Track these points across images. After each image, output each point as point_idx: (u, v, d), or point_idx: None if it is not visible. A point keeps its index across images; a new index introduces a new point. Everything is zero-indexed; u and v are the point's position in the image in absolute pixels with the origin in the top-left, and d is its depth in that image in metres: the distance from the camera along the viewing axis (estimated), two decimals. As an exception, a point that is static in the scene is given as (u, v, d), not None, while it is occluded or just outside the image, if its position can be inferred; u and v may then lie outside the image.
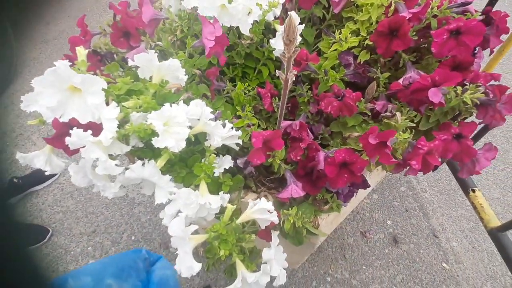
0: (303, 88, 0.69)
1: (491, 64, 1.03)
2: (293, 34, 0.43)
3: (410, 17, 0.60)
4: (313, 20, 0.80)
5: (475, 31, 0.57)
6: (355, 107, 0.60)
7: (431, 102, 0.54)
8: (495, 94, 0.55)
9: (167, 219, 0.52)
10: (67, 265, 1.29)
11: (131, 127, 0.47)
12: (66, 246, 1.34)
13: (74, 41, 0.75)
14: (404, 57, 0.66)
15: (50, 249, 1.33)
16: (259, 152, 0.58)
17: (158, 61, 0.52)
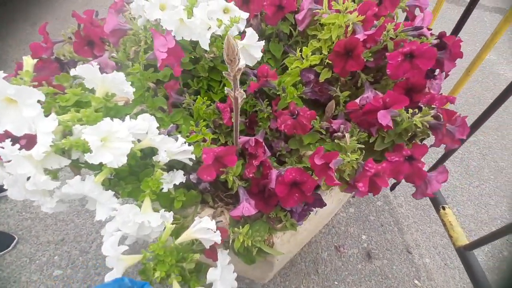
0: (262, 104, 0.68)
1: (456, 86, 1.05)
2: (232, 54, 0.42)
3: (366, 38, 0.60)
4: (280, 36, 0.80)
5: (427, 55, 0.58)
6: (309, 125, 0.60)
7: (380, 124, 0.54)
8: (443, 118, 0.56)
9: (107, 236, 0.51)
10: (30, 274, 1.24)
11: (68, 141, 0.45)
12: (32, 255, 1.30)
13: (34, 47, 0.73)
14: (362, 77, 0.67)
15: (14, 258, 1.28)
16: (210, 168, 0.57)
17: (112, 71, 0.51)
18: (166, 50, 0.54)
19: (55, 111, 0.51)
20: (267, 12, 0.72)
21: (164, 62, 0.54)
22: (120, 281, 0.43)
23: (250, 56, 0.68)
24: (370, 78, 0.67)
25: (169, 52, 0.56)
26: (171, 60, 0.56)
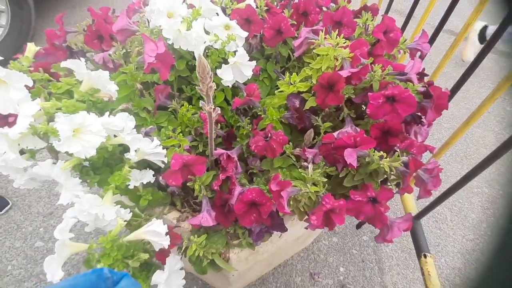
0: (243, 121, 0.70)
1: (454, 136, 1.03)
2: (203, 72, 0.45)
3: (350, 75, 0.61)
4: (277, 58, 0.82)
5: (407, 101, 0.59)
6: (280, 150, 0.61)
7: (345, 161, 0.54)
8: (409, 167, 0.55)
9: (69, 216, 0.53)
10: (14, 241, 1.30)
11: (44, 126, 0.49)
12: (20, 222, 1.36)
13: (49, 34, 0.79)
14: (345, 111, 0.68)
15: (3, 222, 1.35)
16: (177, 174, 0.59)
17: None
18: (155, 55, 0.58)
19: (43, 97, 0.55)
20: (266, 35, 0.75)
21: (150, 66, 0.58)
22: (99, 271, 0.44)
23: (241, 73, 0.71)
24: (353, 113, 0.67)
25: (158, 57, 0.59)
26: (158, 65, 0.59)
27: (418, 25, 1.35)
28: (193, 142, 0.73)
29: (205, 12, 0.75)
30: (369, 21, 0.75)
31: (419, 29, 1.36)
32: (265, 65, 0.85)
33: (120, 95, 0.64)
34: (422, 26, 1.34)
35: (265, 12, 0.80)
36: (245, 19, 0.75)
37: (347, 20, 0.75)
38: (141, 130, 0.66)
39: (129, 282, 0.62)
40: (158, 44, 0.59)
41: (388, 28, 0.71)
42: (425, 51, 0.77)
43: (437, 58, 1.04)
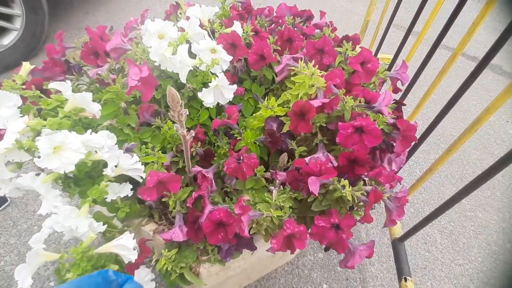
0: (221, 141, 0.74)
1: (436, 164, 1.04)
2: (172, 102, 0.49)
3: (321, 105, 0.64)
4: (261, 80, 0.86)
5: (374, 133, 0.61)
6: (250, 173, 0.64)
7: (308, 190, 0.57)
8: (369, 198, 0.57)
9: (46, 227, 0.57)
10: (9, 237, 1.36)
11: (28, 142, 0.53)
12: (16, 220, 1.42)
13: (49, 49, 0.85)
14: (318, 137, 0.70)
15: (0, 218, 1.41)
16: (152, 190, 0.63)
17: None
18: (138, 78, 0.62)
19: (32, 113, 0.60)
20: (250, 60, 0.78)
21: (133, 89, 0.62)
22: (104, 273, 0.45)
23: (222, 96, 0.75)
24: (325, 140, 0.70)
25: (141, 80, 0.63)
26: (141, 87, 0.64)
27: (417, 40, 1.36)
28: (174, 158, 0.77)
29: (193, 36, 0.79)
30: (349, 51, 0.78)
31: (418, 44, 1.39)
32: (250, 85, 0.89)
33: (105, 111, 0.69)
34: (421, 40, 1.37)
35: (251, 36, 0.84)
36: (231, 44, 0.79)
37: (328, 48, 0.78)
38: (124, 145, 0.70)
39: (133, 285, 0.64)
40: (142, 68, 0.63)
41: (365, 59, 0.74)
42: (405, 81, 0.80)
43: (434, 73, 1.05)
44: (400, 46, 1.52)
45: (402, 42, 1.48)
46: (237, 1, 0.94)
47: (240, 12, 0.89)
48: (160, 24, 0.78)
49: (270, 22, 0.95)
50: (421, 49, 1.38)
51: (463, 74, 0.94)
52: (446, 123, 2.33)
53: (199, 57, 0.74)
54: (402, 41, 1.48)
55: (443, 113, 1.00)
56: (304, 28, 0.85)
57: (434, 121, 1.00)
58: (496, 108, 0.80)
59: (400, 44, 1.51)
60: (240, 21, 0.86)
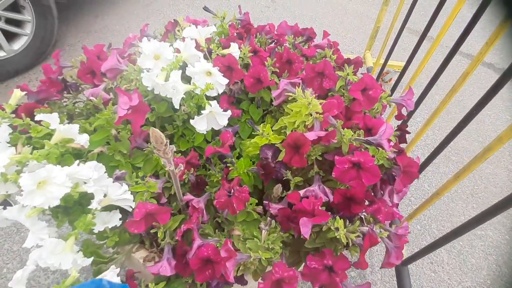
0: (215, 169, 0.71)
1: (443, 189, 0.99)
2: (156, 143, 0.47)
3: (318, 138, 0.61)
4: (258, 102, 0.83)
5: (372, 171, 0.58)
6: (241, 207, 0.61)
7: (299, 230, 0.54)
8: (364, 242, 0.54)
9: (30, 261, 0.57)
10: (12, 244, 1.38)
11: (14, 176, 0.53)
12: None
13: (46, 68, 0.85)
14: (314, 168, 0.67)
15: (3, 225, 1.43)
16: (140, 222, 0.61)
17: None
18: (128, 107, 0.60)
19: (21, 144, 0.59)
20: (246, 83, 0.76)
21: (122, 118, 0.60)
22: (98, 282, 0.45)
23: (216, 122, 0.72)
24: (322, 173, 0.67)
25: (132, 108, 0.62)
26: (131, 116, 0.62)
27: (432, 46, 1.25)
28: (166, 184, 0.75)
29: (188, 58, 0.77)
30: (350, 75, 0.74)
31: (433, 50, 1.27)
32: (248, 107, 0.86)
33: (96, 138, 0.67)
34: (436, 47, 1.26)
35: (250, 57, 0.81)
36: (227, 67, 0.76)
37: (328, 72, 0.74)
38: (114, 172, 0.68)
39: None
40: (133, 96, 0.61)
41: (367, 85, 0.70)
42: (409, 108, 0.75)
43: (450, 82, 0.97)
44: (413, 52, 1.43)
45: (415, 48, 1.39)
46: (237, 18, 0.91)
47: (239, 31, 0.87)
48: (155, 45, 0.76)
49: (270, 39, 0.92)
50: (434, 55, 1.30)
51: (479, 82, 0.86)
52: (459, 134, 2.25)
53: (193, 83, 0.71)
54: (415, 47, 1.40)
55: (457, 130, 0.92)
56: (304, 49, 0.82)
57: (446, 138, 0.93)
58: (509, 137, 0.75)
59: (412, 51, 1.43)
60: (239, 41, 0.83)
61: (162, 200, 0.72)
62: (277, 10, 3.31)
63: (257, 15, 3.13)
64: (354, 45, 2.97)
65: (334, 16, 3.36)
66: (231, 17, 0.93)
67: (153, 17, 2.96)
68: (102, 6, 3.06)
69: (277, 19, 3.14)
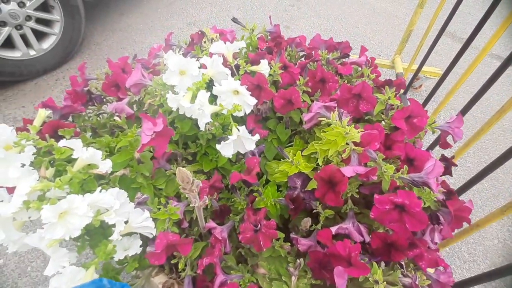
0: (240, 197, 0.67)
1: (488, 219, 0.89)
2: (183, 182, 0.43)
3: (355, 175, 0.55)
4: (287, 123, 0.78)
5: (418, 217, 0.51)
6: (267, 245, 0.57)
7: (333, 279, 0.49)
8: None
9: (50, 289, 0.55)
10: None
11: (36, 204, 0.51)
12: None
13: (73, 80, 0.84)
14: (348, 203, 0.61)
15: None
16: (161, 254, 0.58)
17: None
18: (152, 133, 0.57)
19: (44, 167, 0.57)
20: (276, 105, 0.70)
21: (145, 146, 0.57)
22: (99, 282, 0.44)
23: (243, 146, 0.68)
24: (357, 209, 0.61)
25: (156, 134, 0.58)
26: (155, 142, 0.59)
27: (478, 56, 1.12)
28: (188, 207, 0.72)
29: (215, 75, 0.73)
30: (392, 99, 0.67)
31: (479, 61, 1.14)
32: (275, 126, 0.81)
33: (119, 159, 0.65)
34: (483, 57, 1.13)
35: (280, 75, 0.76)
36: (256, 85, 0.71)
37: (366, 95, 0.67)
38: (136, 195, 0.66)
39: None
40: (157, 120, 0.58)
41: (412, 113, 0.63)
42: (457, 137, 0.67)
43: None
44: (454, 60, 1.30)
45: (457, 56, 1.27)
46: (266, 30, 0.85)
47: (269, 45, 0.81)
48: (181, 61, 0.72)
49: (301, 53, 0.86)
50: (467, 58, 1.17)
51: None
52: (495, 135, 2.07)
53: (219, 103, 0.67)
54: (457, 55, 1.27)
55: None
56: (340, 67, 0.75)
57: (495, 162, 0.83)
58: None
59: (454, 59, 1.30)
60: (268, 56, 0.77)
61: (183, 225, 0.69)
62: (301, 9, 3.20)
63: (281, 14, 3.04)
64: (381, 47, 2.82)
65: (361, 16, 3.21)
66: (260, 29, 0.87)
67: (176, 16, 2.95)
68: (127, 4, 3.09)
69: (301, 18, 3.04)
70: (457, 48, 1.22)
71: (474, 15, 3.17)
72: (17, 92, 2.10)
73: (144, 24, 2.85)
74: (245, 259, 0.68)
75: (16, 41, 1.95)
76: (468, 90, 2.22)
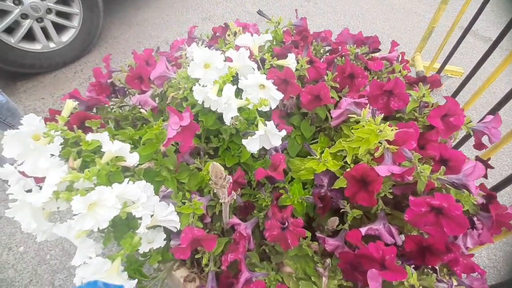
0: (264, 194, 0.66)
1: None
2: (216, 177, 0.42)
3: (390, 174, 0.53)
4: (313, 120, 0.76)
5: (458, 220, 0.48)
6: (295, 243, 0.55)
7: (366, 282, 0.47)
8: (445, 309, 0.46)
9: (77, 279, 0.56)
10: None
11: (65, 195, 0.51)
12: (63, 215, 1.51)
13: (97, 72, 0.84)
14: (379, 204, 0.59)
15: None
16: (186, 248, 0.58)
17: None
18: (178, 127, 0.56)
19: (72, 158, 0.57)
20: (303, 100, 0.68)
21: (171, 140, 0.56)
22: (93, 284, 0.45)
23: (268, 142, 0.66)
24: (388, 210, 0.58)
25: (182, 128, 0.58)
26: (180, 137, 0.58)
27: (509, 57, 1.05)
28: (211, 202, 0.71)
29: (241, 68, 0.71)
30: (427, 96, 0.64)
31: (509, 62, 1.08)
32: (299, 122, 0.79)
33: (144, 152, 0.65)
34: None
35: (306, 70, 0.74)
36: (283, 80, 0.69)
37: (399, 91, 0.65)
38: (160, 188, 0.65)
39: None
40: (184, 114, 0.57)
41: (449, 111, 0.60)
42: (494, 138, 0.64)
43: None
44: (481, 60, 1.24)
45: (484, 56, 1.21)
46: (292, 24, 0.83)
47: (295, 39, 0.79)
48: (206, 54, 0.71)
49: (327, 47, 0.83)
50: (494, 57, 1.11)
51: None
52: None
53: (246, 97, 0.66)
54: (484, 55, 1.21)
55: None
56: (370, 62, 0.72)
57: None
58: None
59: (480, 59, 1.24)
60: (294, 50, 0.75)
61: (206, 220, 0.68)
62: (318, 4, 3.14)
63: (297, 10, 3.00)
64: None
65: (379, 12, 3.13)
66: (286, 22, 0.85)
67: (191, 11, 2.95)
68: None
69: (317, 14, 2.99)
70: (479, 47, 1.16)
71: (497, 13, 3.05)
72: (36, 84, 2.14)
73: (160, 18, 2.86)
74: (268, 256, 0.66)
75: (37, 34, 1.98)
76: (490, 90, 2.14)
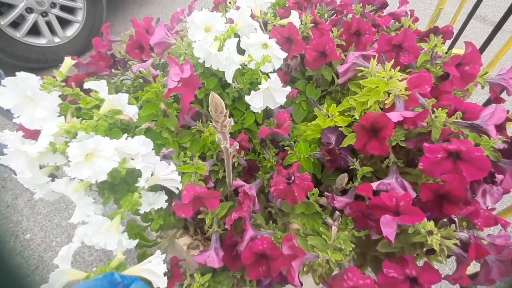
0: (269, 153, 0.63)
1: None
2: (216, 111, 0.39)
3: (402, 120, 0.50)
4: (318, 81, 0.73)
5: (478, 164, 0.45)
6: (302, 197, 0.52)
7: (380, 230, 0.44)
8: (468, 254, 0.42)
9: (76, 238, 0.53)
10: (61, 220, 1.44)
11: (62, 146, 0.49)
12: (68, 203, 1.50)
13: (96, 42, 0.82)
14: (391, 157, 0.56)
15: (54, 201, 1.50)
16: (187, 206, 0.55)
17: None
18: (179, 79, 0.54)
19: (70, 113, 0.56)
20: (307, 57, 0.66)
21: (172, 91, 0.54)
22: (110, 276, 0.44)
23: (273, 100, 0.64)
24: (401, 163, 0.55)
25: (183, 81, 0.55)
26: (182, 90, 0.56)
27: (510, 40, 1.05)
28: (213, 167, 0.68)
29: (243, 28, 0.69)
30: (438, 47, 0.60)
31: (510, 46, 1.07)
32: (304, 86, 0.76)
33: (144, 113, 0.62)
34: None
35: (310, 29, 0.71)
36: (286, 38, 0.67)
37: (408, 44, 0.61)
38: (161, 150, 0.63)
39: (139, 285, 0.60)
40: (185, 67, 0.55)
41: (465, 60, 0.56)
42: (513, 89, 0.60)
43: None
44: (484, 43, 1.20)
45: (487, 40, 1.17)
46: (295, -13, 0.81)
47: (298, 0, 0.77)
48: (207, 16, 0.69)
49: (332, 11, 0.80)
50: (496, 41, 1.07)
51: None
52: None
53: (248, 54, 0.63)
54: (487, 38, 1.17)
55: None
56: (377, 18, 0.69)
57: None
58: None
59: (484, 42, 1.20)
60: (298, 11, 0.73)
61: (209, 185, 0.66)
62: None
63: None
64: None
65: None
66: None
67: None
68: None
69: None
70: (489, 32, 1.12)
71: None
72: (42, 78, 2.17)
73: (164, 14, 2.87)
74: (274, 220, 0.63)
75: (42, 28, 2.00)
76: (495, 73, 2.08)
